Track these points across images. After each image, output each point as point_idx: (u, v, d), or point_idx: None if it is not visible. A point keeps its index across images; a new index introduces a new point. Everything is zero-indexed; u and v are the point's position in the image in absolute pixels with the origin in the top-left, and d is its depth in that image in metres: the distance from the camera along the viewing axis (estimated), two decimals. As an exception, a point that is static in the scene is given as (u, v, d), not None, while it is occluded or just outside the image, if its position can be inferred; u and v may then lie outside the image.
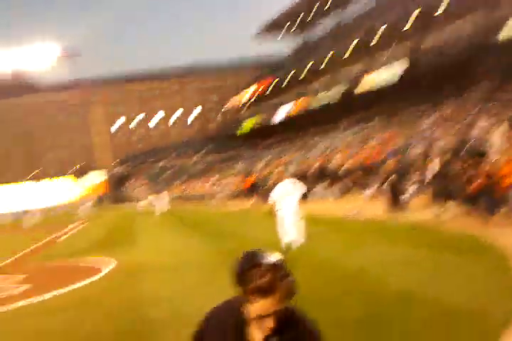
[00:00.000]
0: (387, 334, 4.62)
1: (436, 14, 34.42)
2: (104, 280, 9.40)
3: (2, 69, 66.25)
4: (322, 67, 48.20)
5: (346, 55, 44.20)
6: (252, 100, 65.57)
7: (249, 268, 1.59)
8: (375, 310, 5.41)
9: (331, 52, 46.11)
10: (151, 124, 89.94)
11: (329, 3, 51.74)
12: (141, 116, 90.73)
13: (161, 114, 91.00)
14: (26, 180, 65.34)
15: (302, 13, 55.46)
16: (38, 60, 64.79)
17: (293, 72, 53.17)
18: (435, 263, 7.37)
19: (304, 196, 10.36)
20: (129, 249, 13.74)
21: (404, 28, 37.47)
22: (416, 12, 36.01)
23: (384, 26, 39.43)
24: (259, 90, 60.39)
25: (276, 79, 56.49)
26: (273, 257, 1.64)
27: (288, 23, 58.82)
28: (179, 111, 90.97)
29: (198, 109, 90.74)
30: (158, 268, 9.98)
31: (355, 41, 43.06)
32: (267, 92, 59.70)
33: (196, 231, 16.12)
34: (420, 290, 5.93)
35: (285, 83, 55.23)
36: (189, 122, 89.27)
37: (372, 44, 41.16)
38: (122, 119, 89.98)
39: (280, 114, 54.49)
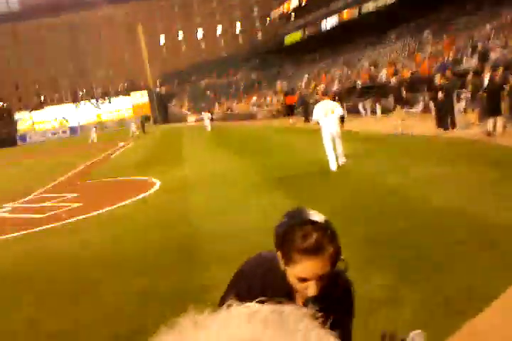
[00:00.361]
0: (427, 248, 4.70)
1: None
2: (152, 197, 9.85)
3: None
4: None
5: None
6: (295, 13, 62.38)
7: (296, 225, 1.43)
8: (417, 224, 5.48)
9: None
10: (192, 40, 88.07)
11: None
12: (181, 33, 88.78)
13: (201, 30, 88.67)
14: (75, 100, 66.71)
15: None
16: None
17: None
18: (480, 180, 7.25)
19: (343, 119, 10.05)
20: (175, 166, 14.15)
21: None
22: None
23: None
24: (302, 3, 57.14)
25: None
26: (320, 216, 1.47)
27: None
28: (219, 27, 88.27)
29: (239, 24, 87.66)
30: (203, 185, 10.31)
31: None
32: (311, 4, 56.44)
33: (240, 149, 16.33)
34: (462, 207, 5.91)
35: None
36: (231, 37, 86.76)
37: None
38: (163, 37, 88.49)
39: (325, 25, 51.85)
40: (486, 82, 12.39)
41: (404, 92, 15.03)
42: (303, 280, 1.45)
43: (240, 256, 1.86)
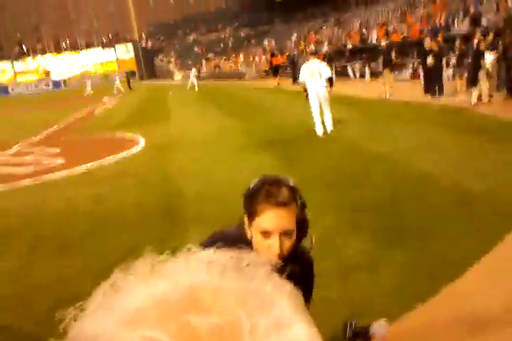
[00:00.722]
0: (408, 214, 4.82)
1: None
2: (136, 155, 9.81)
3: None
4: None
5: None
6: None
7: (265, 184, 1.46)
8: (401, 190, 5.59)
9: None
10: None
11: None
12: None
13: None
14: (57, 51, 64.71)
15: None
16: None
17: None
18: (465, 148, 7.35)
19: (331, 82, 9.70)
20: (161, 124, 14.03)
21: None
22: None
23: None
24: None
25: None
26: (291, 181, 1.51)
27: None
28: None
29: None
30: (189, 145, 10.28)
31: None
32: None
33: (225, 109, 16.20)
34: (444, 175, 6.02)
35: None
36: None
37: None
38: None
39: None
40: (474, 48, 12.30)
41: (394, 56, 14.88)
42: (266, 235, 1.43)
43: (220, 217, 1.89)
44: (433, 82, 13.13)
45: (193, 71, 32.78)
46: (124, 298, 0.36)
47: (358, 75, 23.98)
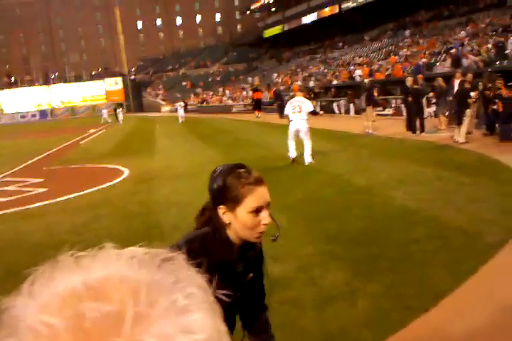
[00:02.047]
0: (385, 246, 4.85)
1: None
2: (119, 185, 9.78)
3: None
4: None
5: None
6: (276, 7, 62.30)
7: (232, 172, 1.61)
8: (377, 224, 5.63)
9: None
10: (170, 28, 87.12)
11: None
12: (160, 20, 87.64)
13: (179, 19, 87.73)
14: (46, 83, 65.07)
15: None
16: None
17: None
18: (444, 183, 7.47)
19: (315, 113, 10.39)
20: (145, 156, 14.06)
21: None
22: None
23: None
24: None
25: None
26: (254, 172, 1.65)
27: None
28: (198, 17, 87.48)
29: (218, 15, 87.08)
30: (171, 176, 10.29)
31: None
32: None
33: (209, 141, 16.37)
34: (423, 208, 6.10)
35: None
36: (210, 28, 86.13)
37: None
38: (140, 23, 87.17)
39: (305, 21, 51.99)
40: (455, 88, 12.70)
41: (376, 94, 15.27)
42: (257, 211, 1.57)
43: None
44: (413, 119, 13.45)
45: (180, 104, 33.20)
46: (46, 286, 0.40)
47: (343, 111, 24.45)
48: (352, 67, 31.73)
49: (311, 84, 32.24)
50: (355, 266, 4.44)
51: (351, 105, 22.91)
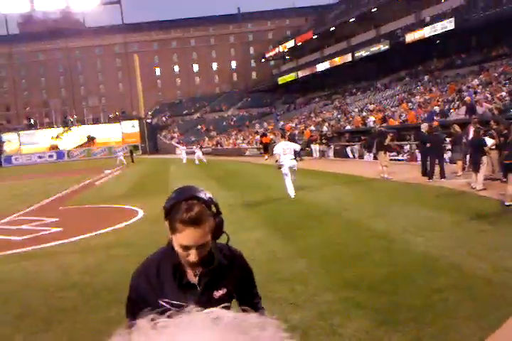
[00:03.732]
0: (407, 295, 4.69)
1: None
2: (134, 226, 9.74)
3: (51, 7, 67.05)
4: (365, 21, 46.30)
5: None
6: (290, 56, 64.10)
7: (181, 200, 1.64)
8: (398, 271, 5.48)
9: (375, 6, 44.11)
10: (187, 75, 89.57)
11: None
12: (177, 67, 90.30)
13: (196, 66, 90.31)
14: (64, 125, 66.54)
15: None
16: (84, 1, 65.01)
17: (333, 27, 51.34)
18: (463, 230, 7.32)
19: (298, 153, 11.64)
20: (160, 197, 14.03)
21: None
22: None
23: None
24: (298, 44, 58.82)
25: (316, 35, 54.77)
26: (206, 194, 1.69)
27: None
28: (215, 64, 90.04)
29: (234, 62, 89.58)
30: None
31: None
32: (306, 47, 58.15)
33: (223, 182, 16.49)
34: (445, 255, 5.95)
35: (325, 37, 53.50)
36: (225, 74, 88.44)
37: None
38: (158, 70, 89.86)
39: (318, 69, 53.19)
40: (470, 134, 12.72)
41: (390, 139, 15.30)
42: (185, 249, 1.64)
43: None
44: (433, 165, 13.33)
45: (194, 147, 34.12)
46: None
47: (357, 156, 24.51)
48: (365, 114, 32.10)
49: (325, 129, 32.58)
50: (377, 315, 4.27)
51: (365, 151, 23.01)
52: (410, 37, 37.24)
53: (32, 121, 71.20)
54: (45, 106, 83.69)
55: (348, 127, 30.26)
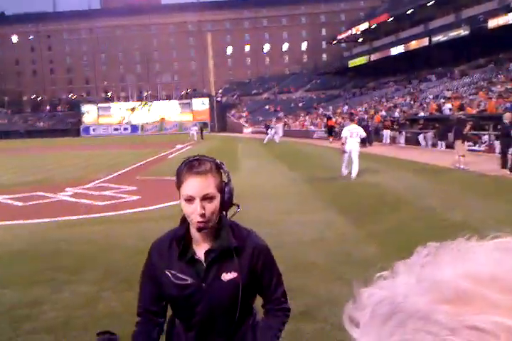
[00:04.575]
0: (412, 242, 4.60)
1: None
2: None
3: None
4: (445, 4, 44.08)
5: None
6: (362, 38, 62.34)
7: (192, 160, 1.66)
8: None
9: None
10: (258, 55, 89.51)
11: None
12: (248, 47, 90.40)
13: (267, 46, 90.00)
14: (139, 99, 68.84)
15: None
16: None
17: (411, 10, 49.24)
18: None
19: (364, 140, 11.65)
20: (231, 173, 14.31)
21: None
22: None
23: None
24: (372, 27, 56.99)
25: (392, 18, 52.79)
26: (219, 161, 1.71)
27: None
28: (286, 45, 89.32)
29: (305, 44, 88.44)
30: (252, 195, 10.41)
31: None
32: (380, 30, 56.29)
33: (290, 163, 16.65)
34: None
35: (401, 20, 51.49)
36: (296, 56, 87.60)
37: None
38: (230, 49, 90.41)
39: (392, 53, 51.49)
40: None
41: (469, 129, 14.69)
42: (190, 201, 1.61)
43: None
44: (507, 156, 12.73)
45: (276, 126, 34.26)
46: (433, 271, 0.32)
47: (430, 144, 23.75)
48: (442, 100, 30.88)
49: (396, 114, 31.70)
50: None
51: (439, 140, 22.23)
52: (493, 23, 35.24)
53: (109, 95, 74.18)
54: (121, 80, 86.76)
55: (422, 114, 29.28)
